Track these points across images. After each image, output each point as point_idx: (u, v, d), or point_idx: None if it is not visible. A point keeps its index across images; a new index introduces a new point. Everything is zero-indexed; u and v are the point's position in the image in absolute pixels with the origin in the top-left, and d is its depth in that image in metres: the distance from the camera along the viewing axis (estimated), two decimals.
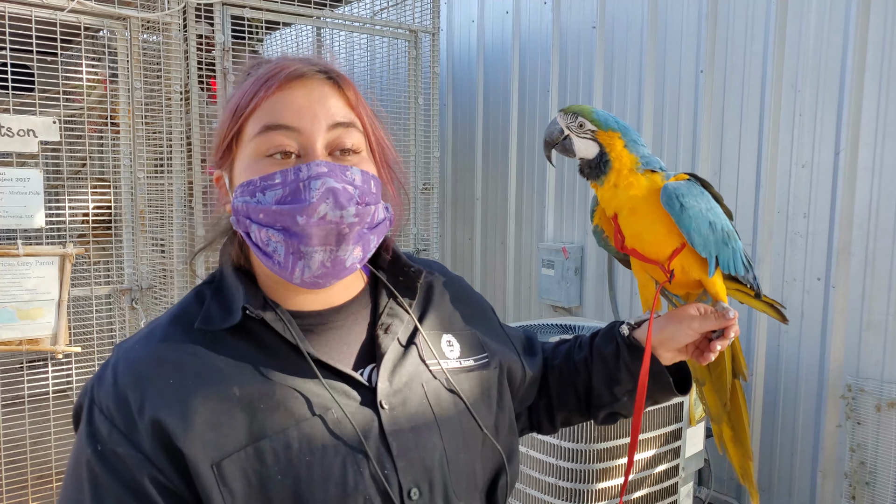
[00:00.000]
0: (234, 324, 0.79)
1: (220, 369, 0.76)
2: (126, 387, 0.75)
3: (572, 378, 1.07)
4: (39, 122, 2.35)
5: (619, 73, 3.41)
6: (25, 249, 2.36)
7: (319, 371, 0.78)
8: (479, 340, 0.96)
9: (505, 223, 4.14)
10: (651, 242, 1.02)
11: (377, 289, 0.91)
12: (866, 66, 2.52)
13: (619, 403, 1.04)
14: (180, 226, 2.70)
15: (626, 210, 1.01)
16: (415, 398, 0.83)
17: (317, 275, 0.77)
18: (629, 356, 1.01)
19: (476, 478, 0.85)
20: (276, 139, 0.78)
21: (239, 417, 0.74)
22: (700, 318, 0.98)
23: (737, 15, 2.91)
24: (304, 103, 0.79)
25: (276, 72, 0.80)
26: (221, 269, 0.87)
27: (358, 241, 0.78)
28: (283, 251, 0.77)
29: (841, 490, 2.65)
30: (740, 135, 2.93)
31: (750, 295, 1.14)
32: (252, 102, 0.79)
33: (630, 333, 1.03)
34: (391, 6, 3.50)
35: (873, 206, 2.53)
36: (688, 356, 1.03)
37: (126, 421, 0.73)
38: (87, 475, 0.73)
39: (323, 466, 0.74)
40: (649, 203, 0.99)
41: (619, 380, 1.02)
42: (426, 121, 3.49)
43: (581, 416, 1.09)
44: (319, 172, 0.76)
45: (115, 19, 2.56)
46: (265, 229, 0.77)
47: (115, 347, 0.82)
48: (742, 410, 1.15)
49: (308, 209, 0.74)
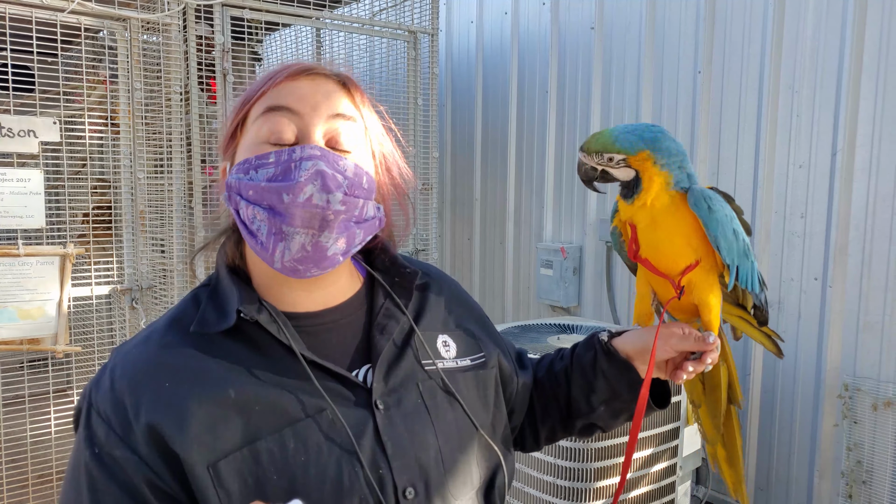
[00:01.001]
0: (229, 326, 0.79)
1: (216, 372, 0.77)
2: (123, 391, 0.75)
3: (554, 389, 1.06)
4: (40, 122, 2.36)
5: (617, 74, 3.42)
6: (26, 249, 2.37)
7: (314, 372, 0.79)
8: (475, 341, 0.96)
9: (504, 223, 4.15)
10: (667, 254, 1.00)
11: (373, 290, 0.92)
12: (863, 67, 2.54)
13: (595, 414, 1.02)
14: (180, 226, 2.71)
15: (647, 220, 0.99)
16: (410, 398, 0.83)
17: (296, 258, 0.77)
18: (606, 363, 1.00)
19: (472, 477, 0.86)
20: (277, 120, 0.79)
21: (234, 419, 0.75)
22: (681, 337, 0.97)
23: (734, 16, 2.92)
24: (308, 91, 0.80)
25: (286, 66, 0.82)
26: (217, 270, 0.87)
27: (343, 231, 0.78)
28: (265, 230, 0.77)
29: (838, 489, 2.66)
30: (738, 135, 2.94)
31: (752, 324, 1.12)
32: (259, 91, 0.82)
33: (609, 341, 1.01)
34: (390, 7, 3.51)
35: (870, 206, 2.54)
36: (665, 374, 1.01)
37: (123, 424, 0.74)
38: (85, 478, 0.74)
39: (318, 467, 0.75)
40: (671, 214, 0.98)
41: (595, 388, 1.00)
42: (425, 121, 3.50)
43: (563, 430, 1.08)
44: (312, 154, 0.76)
45: (116, 20, 2.57)
46: (252, 206, 0.77)
47: (113, 351, 0.83)
48: (736, 435, 1.14)
49: (294, 188, 0.75)
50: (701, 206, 0.95)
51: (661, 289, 1.04)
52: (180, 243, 2.70)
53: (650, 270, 1.01)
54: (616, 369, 0.99)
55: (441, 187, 4.42)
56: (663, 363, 1.00)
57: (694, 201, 0.96)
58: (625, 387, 0.99)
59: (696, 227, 0.97)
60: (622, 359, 0.99)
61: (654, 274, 1.01)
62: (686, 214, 0.97)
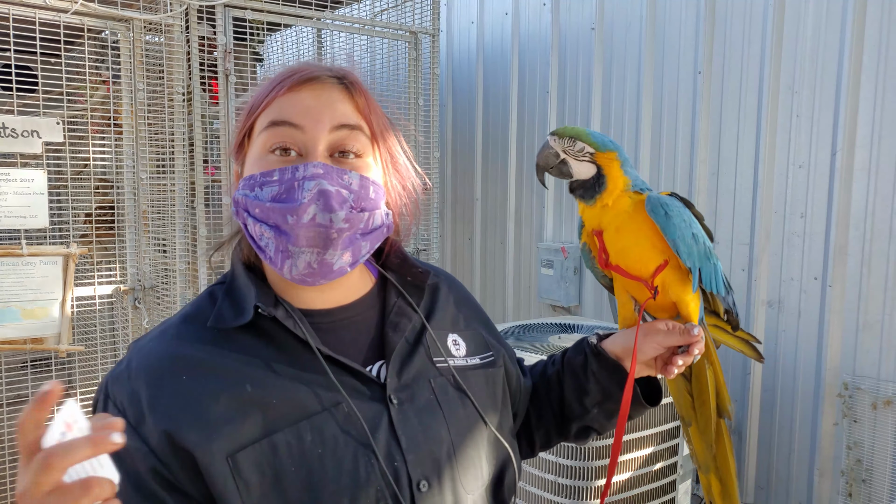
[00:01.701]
0: (246, 322, 0.81)
1: (233, 366, 0.79)
2: (139, 383, 0.77)
3: (547, 394, 1.07)
4: (43, 123, 2.37)
5: (617, 75, 3.43)
6: (29, 249, 2.38)
7: (329, 367, 0.80)
8: (483, 340, 0.98)
9: (504, 223, 4.16)
10: (636, 258, 1.01)
11: (385, 288, 0.93)
12: (862, 68, 2.55)
13: (589, 416, 1.04)
14: (182, 226, 2.72)
15: (613, 227, 1.01)
16: (423, 394, 0.85)
17: (304, 273, 0.79)
18: (597, 365, 1.01)
19: (482, 472, 0.87)
20: (280, 135, 0.80)
21: (252, 412, 0.76)
22: (666, 332, 0.99)
23: (734, 17, 2.93)
24: (312, 104, 0.81)
25: (289, 74, 0.83)
26: (233, 268, 0.89)
27: (347, 246, 0.80)
28: (273, 247, 0.79)
29: (838, 487, 2.67)
30: (738, 136, 2.95)
31: (727, 331, 1.14)
32: (264, 101, 0.82)
33: (598, 343, 1.03)
34: (391, 8, 3.52)
35: (869, 206, 2.55)
36: (655, 371, 1.03)
37: (136, 415, 0.75)
38: None
39: (335, 459, 0.77)
40: (634, 218, 1.00)
41: (587, 390, 1.02)
42: (426, 121, 3.51)
43: (558, 435, 1.09)
44: (315, 174, 0.77)
45: (118, 21, 2.58)
46: (259, 224, 0.79)
47: (130, 345, 0.84)
48: (728, 457, 1.14)
49: (298, 209, 0.76)
50: (658, 212, 0.98)
51: (637, 292, 1.05)
52: (182, 243, 2.71)
53: (623, 276, 1.03)
54: (606, 370, 1.01)
55: (442, 187, 4.43)
56: (652, 361, 1.02)
57: (651, 207, 0.99)
58: (616, 387, 1.01)
59: (658, 231, 1.00)
60: (612, 359, 1.01)
61: (628, 279, 1.03)
62: (648, 217, 1.00)
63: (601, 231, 1.03)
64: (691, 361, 1.00)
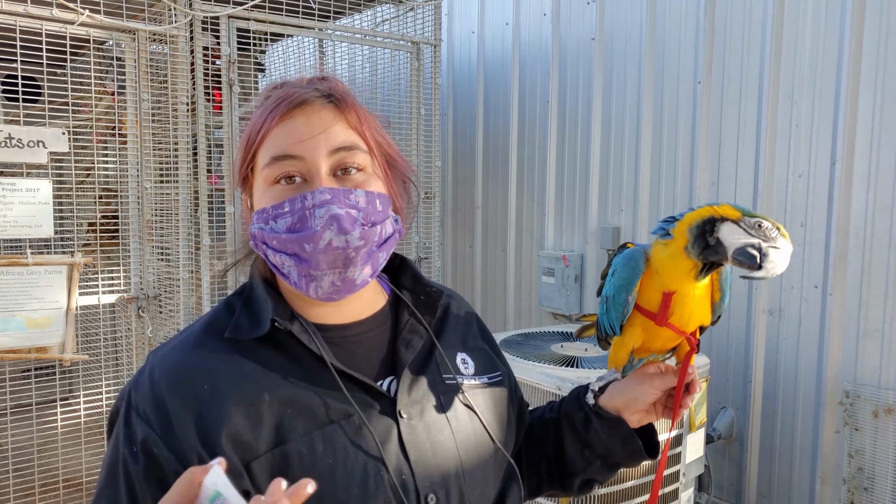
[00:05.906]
0: (263, 334, 0.83)
1: (251, 376, 0.80)
2: (163, 391, 0.78)
3: (542, 439, 1.06)
4: (49, 133, 2.39)
5: (617, 84, 3.45)
6: (34, 259, 2.39)
7: (342, 381, 0.82)
8: (492, 360, 1.00)
9: (505, 231, 4.17)
10: (696, 318, 1.00)
11: (398, 305, 0.96)
12: (861, 77, 2.57)
13: (592, 468, 1.02)
14: (186, 235, 2.73)
15: (692, 294, 0.98)
16: (432, 410, 0.87)
17: (329, 292, 0.82)
18: (598, 423, 1.00)
19: (488, 489, 0.89)
20: (283, 167, 0.82)
21: (268, 421, 0.78)
22: (660, 375, 0.99)
23: (734, 27, 2.96)
24: (306, 131, 0.82)
25: (280, 101, 0.84)
26: (251, 281, 0.91)
27: (367, 260, 0.83)
28: (296, 274, 0.82)
29: (839, 495, 2.68)
30: (738, 145, 2.97)
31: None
32: (260, 133, 0.84)
33: (596, 402, 1.01)
34: (393, 18, 3.54)
35: (869, 215, 2.57)
36: (656, 417, 1.01)
37: (163, 423, 0.77)
38: (122, 475, 0.76)
39: (345, 469, 0.78)
40: (708, 286, 0.99)
41: (589, 444, 1.01)
42: (427, 130, 3.53)
43: (562, 489, 1.07)
44: (323, 200, 0.80)
45: (124, 32, 2.60)
46: (279, 254, 0.82)
47: (149, 354, 0.86)
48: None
49: (314, 237, 0.79)
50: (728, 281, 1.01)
51: (667, 344, 1.04)
52: (186, 252, 2.72)
53: (675, 332, 1.00)
54: (608, 427, 0.99)
55: (443, 195, 4.45)
56: (651, 407, 1.00)
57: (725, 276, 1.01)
58: (618, 443, 0.99)
59: (710, 290, 1.01)
60: (613, 416, 0.99)
61: (678, 334, 1.01)
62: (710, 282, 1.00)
63: (673, 291, 0.98)
64: (693, 399, 1.00)
